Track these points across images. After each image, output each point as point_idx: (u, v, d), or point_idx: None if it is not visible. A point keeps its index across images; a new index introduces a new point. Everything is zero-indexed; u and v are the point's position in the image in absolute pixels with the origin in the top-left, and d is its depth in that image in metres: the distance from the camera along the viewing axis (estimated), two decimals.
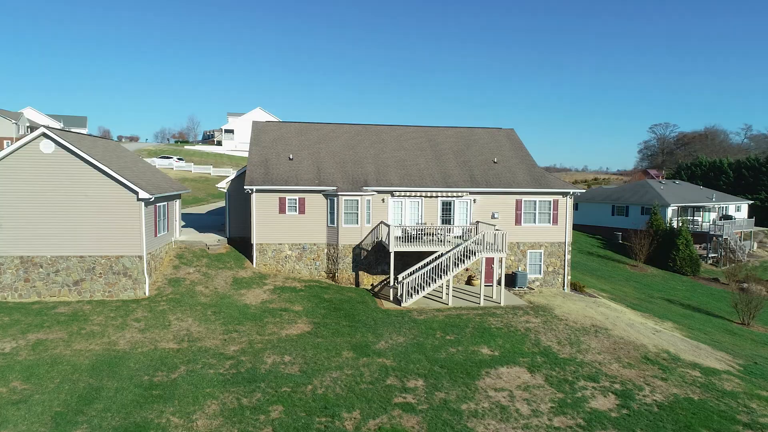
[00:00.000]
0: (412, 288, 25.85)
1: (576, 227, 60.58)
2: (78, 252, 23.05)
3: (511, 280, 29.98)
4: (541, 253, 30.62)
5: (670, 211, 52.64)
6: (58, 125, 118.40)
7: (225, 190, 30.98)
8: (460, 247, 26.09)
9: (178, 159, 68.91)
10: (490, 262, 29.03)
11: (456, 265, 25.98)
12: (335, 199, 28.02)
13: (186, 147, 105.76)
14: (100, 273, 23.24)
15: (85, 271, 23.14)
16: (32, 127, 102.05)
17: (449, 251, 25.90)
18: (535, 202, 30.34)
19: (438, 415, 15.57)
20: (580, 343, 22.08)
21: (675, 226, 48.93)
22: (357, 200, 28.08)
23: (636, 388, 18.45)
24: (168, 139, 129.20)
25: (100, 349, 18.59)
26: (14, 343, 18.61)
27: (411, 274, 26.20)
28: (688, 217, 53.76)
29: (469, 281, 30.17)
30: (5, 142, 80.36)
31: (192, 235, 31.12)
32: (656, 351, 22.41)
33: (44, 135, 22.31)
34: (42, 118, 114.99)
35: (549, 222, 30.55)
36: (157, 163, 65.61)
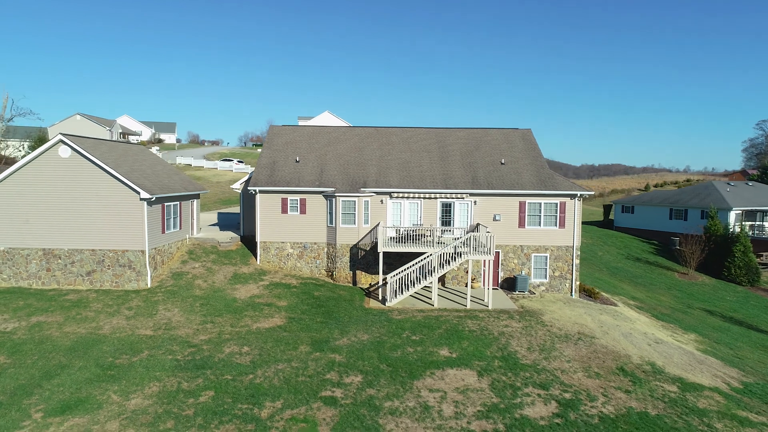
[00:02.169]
0: (398, 288, 26.17)
1: (630, 231, 57.32)
2: (90, 246, 25.73)
3: (512, 284, 29.32)
4: (546, 256, 29.64)
5: (732, 216, 48.33)
6: (149, 131, 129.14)
7: (239, 191, 32.88)
8: (448, 248, 26.02)
9: (238, 162, 73.14)
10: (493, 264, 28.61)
11: (442, 266, 25.95)
12: (333, 199, 28.93)
13: (258, 150, 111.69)
14: (109, 265, 25.77)
15: (96, 263, 25.78)
16: (124, 133, 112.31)
17: (435, 253, 25.90)
18: (540, 204, 29.44)
19: (355, 410, 15.97)
20: (552, 350, 21.36)
21: (734, 232, 44.90)
22: (354, 201, 28.80)
23: (588, 399, 17.69)
24: (245, 143, 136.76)
25: (85, 333, 20.78)
26: (17, 324, 21.29)
27: (397, 274, 26.50)
28: (755, 222, 49.02)
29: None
30: None
31: (211, 233, 33.36)
32: (639, 363, 21.17)
33: (62, 141, 25.16)
34: (135, 125, 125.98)
35: (555, 225, 29.51)
36: (219, 165, 70.12)
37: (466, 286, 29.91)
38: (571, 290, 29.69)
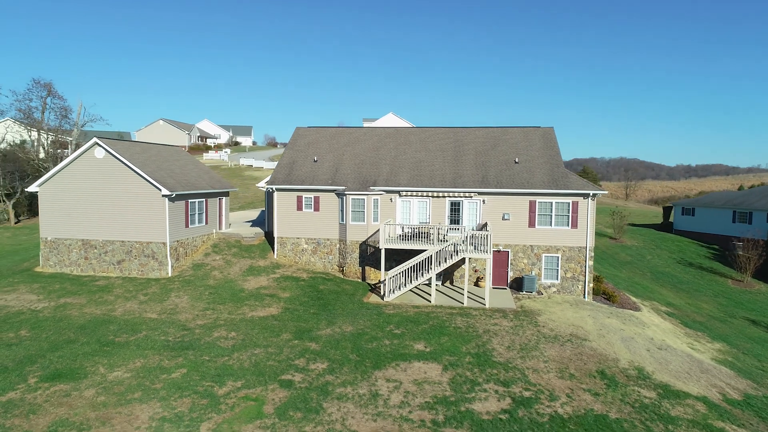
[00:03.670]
0: (395, 284, 26.78)
1: (690, 235, 53.89)
2: (120, 237, 28.55)
3: (520, 284, 28.96)
4: (558, 257, 28.98)
5: None
6: (227, 134, 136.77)
7: (264, 189, 34.82)
8: (447, 246, 26.28)
9: None
10: (498, 263, 28.53)
11: (439, 263, 26.25)
12: (344, 197, 30.03)
13: None
14: (135, 255, 28.46)
15: (125, 252, 28.56)
16: (203, 137, 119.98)
17: (433, 250, 26.24)
18: (551, 203, 28.86)
19: (306, 393, 16.90)
20: (533, 350, 21.12)
21: None
22: (363, 199, 29.74)
23: (548, 398, 17.49)
24: None
25: (100, 313, 23.26)
26: (47, 303, 24.21)
27: (396, 271, 27.08)
28: None
29: (477, 283, 29.84)
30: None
31: (240, 229, 35.59)
32: (625, 367, 20.47)
33: (97, 143, 28.14)
34: (214, 129, 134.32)
35: (567, 225, 28.79)
36: None
37: (475, 284, 29.98)
38: (584, 292, 28.82)
